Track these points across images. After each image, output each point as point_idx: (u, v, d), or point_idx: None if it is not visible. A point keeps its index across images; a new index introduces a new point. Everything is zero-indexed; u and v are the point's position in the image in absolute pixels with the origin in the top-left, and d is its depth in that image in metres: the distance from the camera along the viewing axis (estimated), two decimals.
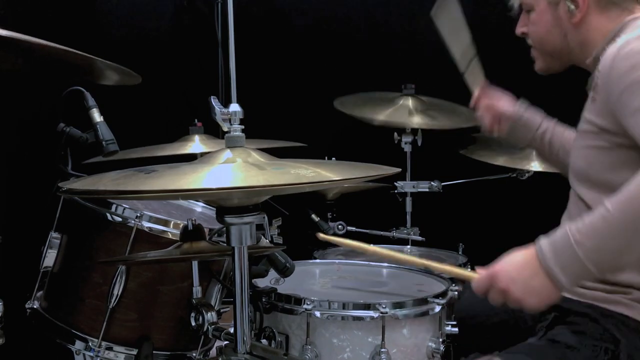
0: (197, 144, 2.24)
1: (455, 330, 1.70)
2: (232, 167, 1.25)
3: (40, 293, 1.79)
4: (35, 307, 1.77)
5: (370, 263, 2.10)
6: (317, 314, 1.61)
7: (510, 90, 1.84)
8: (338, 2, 3.07)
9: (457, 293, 1.73)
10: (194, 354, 1.80)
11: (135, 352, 1.67)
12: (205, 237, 1.50)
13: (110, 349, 1.67)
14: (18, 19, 2.21)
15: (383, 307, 1.59)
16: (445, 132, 2.60)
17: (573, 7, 1.52)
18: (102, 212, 1.69)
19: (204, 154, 1.51)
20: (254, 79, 2.52)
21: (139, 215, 1.66)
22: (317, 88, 2.93)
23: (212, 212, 1.94)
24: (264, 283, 1.74)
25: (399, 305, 1.63)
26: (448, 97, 2.63)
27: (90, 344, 1.66)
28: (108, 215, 1.68)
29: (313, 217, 2.39)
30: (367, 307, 1.61)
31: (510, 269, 1.30)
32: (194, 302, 1.57)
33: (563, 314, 1.51)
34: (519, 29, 1.66)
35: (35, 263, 1.75)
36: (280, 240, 1.91)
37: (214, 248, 1.51)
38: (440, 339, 1.68)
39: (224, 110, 1.31)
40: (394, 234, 2.67)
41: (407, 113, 2.60)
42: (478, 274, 1.35)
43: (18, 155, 2.30)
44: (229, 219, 1.29)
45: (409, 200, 2.70)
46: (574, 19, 1.53)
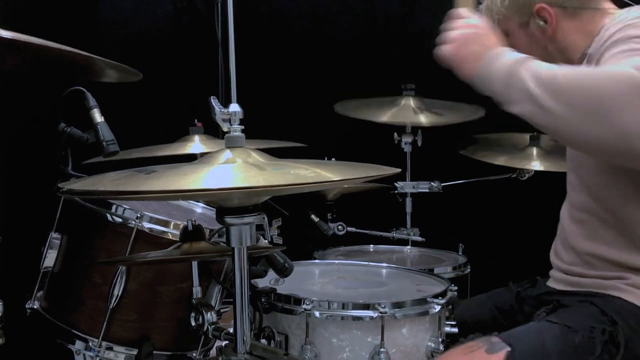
0: (197, 144, 2.24)
1: (455, 330, 1.70)
2: (232, 167, 1.25)
3: (41, 293, 1.78)
4: (36, 307, 1.77)
5: (370, 263, 2.11)
6: (316, 314, 1.61)
7: None
8: (338, 2, 3.07)
9: (456, 293, 1.74)
10: (194, 354, 1.80)
11: (136, 352, 1.67)
12: (205, 237, 1.50)
13: (111, 349, 1.66)
14: (18, 19, 2.21)
15: (382, 307, 1.59)
16: (448, 131, 2.60)
17: (542, 23, 1.57)
18: (102, 212, 1.69)
19: (204, 154, 1.50)
20: (254, 79, 2.51)
21: (139, 216, 1.66)
22: (316, 88, 2.93)
23: (212, 212, 1.94)
24: (264, 283, 1.75)
25: (398, 305, 1.63)
26: (448, 97, 2.63)
27: (91, 344, 1.66)
28: (108, 216, 1.68)
29: (313, 217, 2.39)
30: (366, 307, 1.61)
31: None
32: (194, 302, 1.57)
33: (563, 303, 1.55)
34: None
35: (35, 263, 1.75)
36: (280, 241, 1.91)
37: (214, 248, 1.51)
38: (440, 339, 1.68)
39: (224, 111, 1.31)
40: (394, 235, 2.67)
41: (411, 112, 2.60)
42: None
43: (18, 156, 2.30)
44: (229, 220, 1.29)
45: (409, 201, 2.71)
46: (548, 33, 1.58)
